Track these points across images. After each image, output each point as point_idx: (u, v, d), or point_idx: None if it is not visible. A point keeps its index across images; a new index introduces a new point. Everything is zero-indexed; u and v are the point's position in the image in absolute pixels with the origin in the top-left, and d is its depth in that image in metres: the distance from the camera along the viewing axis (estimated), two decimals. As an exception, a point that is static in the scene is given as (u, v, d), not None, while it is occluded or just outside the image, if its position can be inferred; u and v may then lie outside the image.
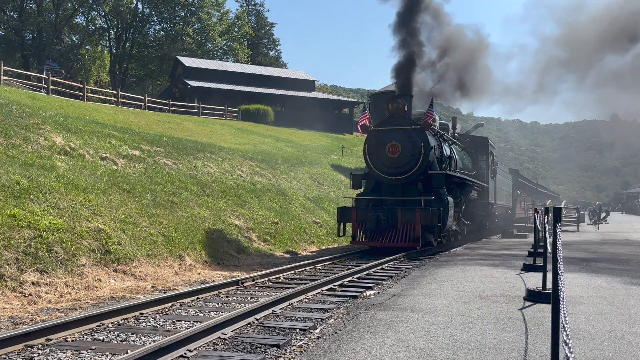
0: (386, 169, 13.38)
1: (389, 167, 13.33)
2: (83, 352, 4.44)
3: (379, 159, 13.45)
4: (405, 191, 13.30)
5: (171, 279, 8.74)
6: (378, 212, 12.65)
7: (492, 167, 20.71)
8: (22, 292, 6.72)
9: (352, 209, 13.24)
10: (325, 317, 5.84)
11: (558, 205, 25.65)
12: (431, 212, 12.29)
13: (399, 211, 12.52)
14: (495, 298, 6.94)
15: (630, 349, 4.64)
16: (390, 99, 13.89)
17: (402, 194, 13.25)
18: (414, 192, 13.20)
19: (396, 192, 13.33)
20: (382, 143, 13.41)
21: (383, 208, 12.86)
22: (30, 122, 13.48)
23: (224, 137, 26.08)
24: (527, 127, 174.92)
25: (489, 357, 4.35)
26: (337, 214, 13.47)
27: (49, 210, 8.85)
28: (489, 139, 21.24)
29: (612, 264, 10.63)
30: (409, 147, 13.16)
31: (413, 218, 12.32)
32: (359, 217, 12.97)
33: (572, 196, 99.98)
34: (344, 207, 13.70)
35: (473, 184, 16.84)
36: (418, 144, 13.09)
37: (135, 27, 55.24)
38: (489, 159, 20.30)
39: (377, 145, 13.50)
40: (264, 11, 69.00)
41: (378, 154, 13.47)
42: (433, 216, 12.29)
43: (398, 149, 13.21)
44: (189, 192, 13.64)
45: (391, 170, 13.32)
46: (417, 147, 13.08)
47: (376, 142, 13.54)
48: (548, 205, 9.04)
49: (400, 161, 13.20)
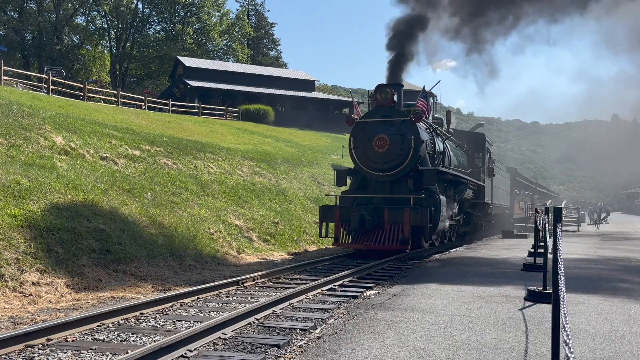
0: (373, 164, 12.39)
1: (376, 163, 12.33)
2: (83, 352, 4.44)
3: (366, 153, 12.45)
4: (393, 189, 12.36)
5: (171, 279, 8.74)
6: (363, 211, 11.74)
7: (489, 165, 19.55)
8: (23, 292, 6.72)
9: (334, 208, 12.29)
10: (326, 317, 5.84)
11: (558, 205, 25.61)
12: (421, 211, 11.37)
13: (385, 210, 11.60)
14: (496, 298, 6.94)
15: (630, 349, 4.64)
16: (378, 89, 12.71)
17: (390, 192, 12.31)
18: (404, 189, 12.25)
19: (384, 190, 12.40)
20: (369, 136, 12.36)
21: (369, 207, 11.93)
22: (30, 122, 13.49)
23: (224, 137, 26.08)
24: (527, 127, 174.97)
25: (489, 357, 4.35)
26: (319, 212, 12.53)
27: (50, 210, 8.86)
28: (485, 135, 20.15)
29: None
30: (397, 140, 12.15)
31: (401, 218, 11.43)
32: (342, 217, 12.05)
33: (572, 196, 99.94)
34: (326, 205, 12.81)
35: (468, 182, 15.91)
36: (408, 137, 12.09)
37: (135, 27, 55.24)
38: (485, 156, 19.19)
39: (364, 139, 12.48)
40: (264, 11, 69.15)
41: (364, 148, 12.46)
42: (423, 216, 11.35)
43: (386, 142, 12.16)
44: (189, 192, 13.64)
45: (378, 165, 12.33)
46: (407, 140, 12.08)
47: (362, 136, 12.53)
48: (548, 205, 9.02)
49: (388, 156, 12.19)
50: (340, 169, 13.69)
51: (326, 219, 12.35)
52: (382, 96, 12.57)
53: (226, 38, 59.10)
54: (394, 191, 12.33)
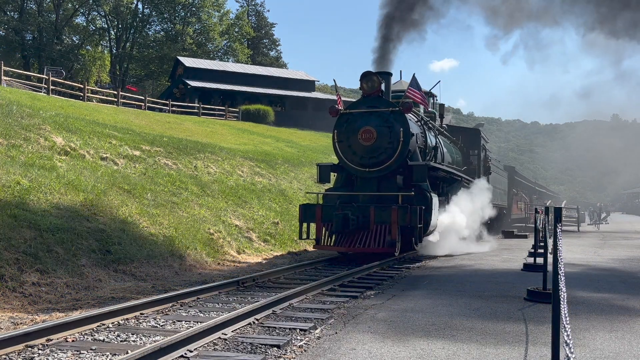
0: (358, 159, 11.41)
1: (362, 157, 11.36)
2: (83, 353, 4.43)
3: (350, 147, 11.47)
4: (381, 186, 11.35)
5: (171, 279, 8.74)
6: (346, 210, 10.82)
7: (485, 163, 18.57)
8: (23, 292, 6.72)
9: (315, 207, 11.33)
10: (326, 317, 5.84)
11: (558, 205, 25.49)
12: (410, 210, 10.40)
13: (371, 209, 10.68)
14: (496, 298, 6.94)
15: (630, 349, 4.64)
16: (364, 76, 11.55)
17: (378, 189, 11.32)
18: (392, 186, 11.28)
19: (371, 187, 11.39)
20: (354, 129, 11.39)
21: (353, 205, 10.96)
22: (30, 122, 13.49)
23: (224, 138, 26.09)
24: (527, 127, 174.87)
25: (489, 358, 4.35)
26: (299, 212, 11.58)
27: (50, 211, 8.85)
28: (481, 131, 19.03)
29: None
30: (385, 132, 11.15)
31: (388, 217, 10.49)
32: (324, 217, 11.08)
33: (572, 196, 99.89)
34: (307, 204, 11.71)
35: (463, 180, 14.95)
36: (396, 129, 11.09)
37: (135, 27, 55.27)
38: (481, 153, 18.14)
39: (348, 132, 11.51)
40: (264, 11, 69.19)
41: (349, 141, 11.48)
42: (412, 215, 10.39)
43: (372, 135, 11.14)
44: (189, 193, 13.64)
45: (364, 160, 11.35)
46: (395, 133, 11.09)
47: (347, 128, 11.55)
48: (548, 205, 9.02)
49: (375, 150, 11.21)
50: (323, 165, 12.61)
51: (307, 219, 11.45)
52: (368, 85, 11.51)
53: (226, 38, 59.11)
54: (381, 188, 11.36)
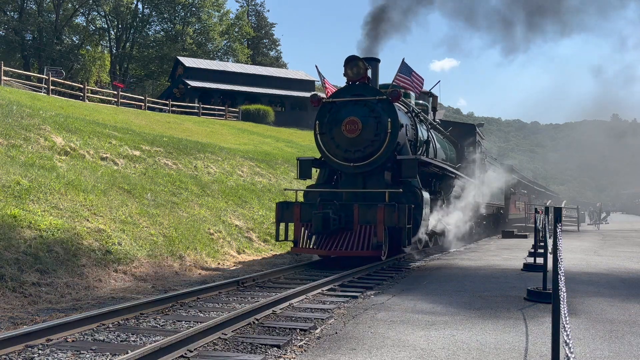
0: (342, 153, 10.38)
1: (346, 151, 10.33)
2: (83, 353, 4.43)
3: (334, 139, 10.43)
4: (367, 182, 10.38)
5: (171, 279, 8.74)
6: (327, 208, 9.88)
7: (480, 161, 17.47)
8: (23, 293, 6.72)
9: (294, 205, 10.36)
10: (326, 317, 5.84)
11: (558, 205, 25.44)
12: (398, 209, 9.41)
13: (355, 208, 9.77)
14: (496, 298, 6.94)
15: (630, 349, 4.64)
16: (348, 61, 10.45)
17: (364, 186, 10.37)
18: (379, 183, 10.26)
19: (356, 184, 10.43)
20: (337, 119, 10.34)
21: (335, 204, 10.03)
22: (30, 122, 13.49)
23: (224, 138, 26.09)
24: (527, 127, 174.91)
25: (489, 357, 4.35)
26: (275, 210, 10.59)
27: (50, 211, 8.86)
28: (476, 126, 17.95)
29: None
30: (371, 123, 10.13)
31: (373, 217, 9.55)
32: (303, 216, 10.15)
33: (572, 196, 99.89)
34: (285, 202, 10.68)
35: (457, 177, 14.00)
36: (384, 119, 10.08)
37: (135, 27, 55.31)
38: (476, 150, 17.04)
39: (331, 123, 10.44)
40: (264, 11, 69.28)
41: (332, 133, 10.43)
42: (401, 214, 9.40)
43: (357, 126, 10.09)
44: (189, 193, 13.64)
45: (349, 154, 10.32)
46: (383, 123, 10.08)
47: (330, 119, 10.49)
48: (548, 205, 9.01)
49: (361, 143, 10.18)
50: (304, 159, 11.56)
51: (284, 219, 10.49)
52: (353, 71, 10.47)
53: (226, 38, 59.14)
54: (367, 185, 10.41)
